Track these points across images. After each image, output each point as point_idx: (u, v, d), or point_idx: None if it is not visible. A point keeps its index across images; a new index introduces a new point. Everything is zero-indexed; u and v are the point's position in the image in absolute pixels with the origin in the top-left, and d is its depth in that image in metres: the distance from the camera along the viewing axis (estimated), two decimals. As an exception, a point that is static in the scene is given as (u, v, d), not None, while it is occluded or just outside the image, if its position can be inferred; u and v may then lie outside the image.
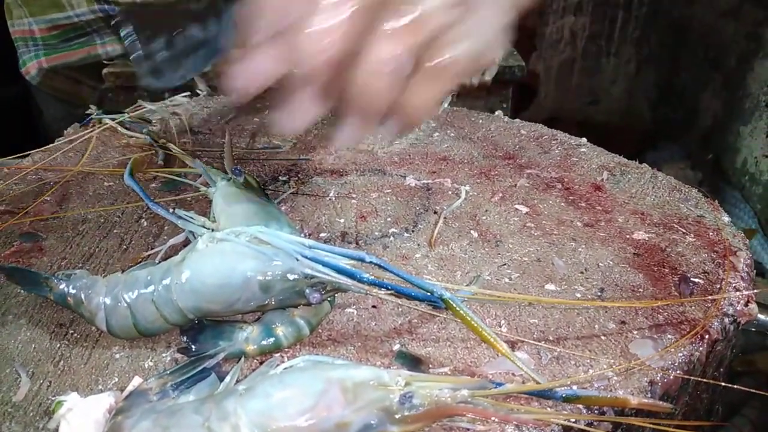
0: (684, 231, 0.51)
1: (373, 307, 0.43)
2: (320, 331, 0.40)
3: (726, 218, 0.53)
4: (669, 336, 0.40)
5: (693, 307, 0.43)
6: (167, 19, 0.64)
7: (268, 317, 0.39)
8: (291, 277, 0.37)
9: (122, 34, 0.60)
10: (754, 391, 0.38)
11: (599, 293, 0.44)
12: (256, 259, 0.37)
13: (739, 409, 0.87)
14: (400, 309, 0.42)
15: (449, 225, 0.52)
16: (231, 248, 0.38)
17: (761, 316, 0.48)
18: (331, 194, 0.57)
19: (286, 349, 0.39)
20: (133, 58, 0.58)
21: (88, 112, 0.71)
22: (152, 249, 0.49)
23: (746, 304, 0.45)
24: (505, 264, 0.47)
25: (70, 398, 0.35)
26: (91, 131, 0.67)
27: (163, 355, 0.39)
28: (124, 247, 0.50)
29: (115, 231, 0.52)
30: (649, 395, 0.37)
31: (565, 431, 0.34)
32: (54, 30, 0.96)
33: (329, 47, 0.36)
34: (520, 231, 0.51)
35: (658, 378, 0.37)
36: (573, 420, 0.34)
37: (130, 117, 0.70)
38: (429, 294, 0.36)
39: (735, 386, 0.39)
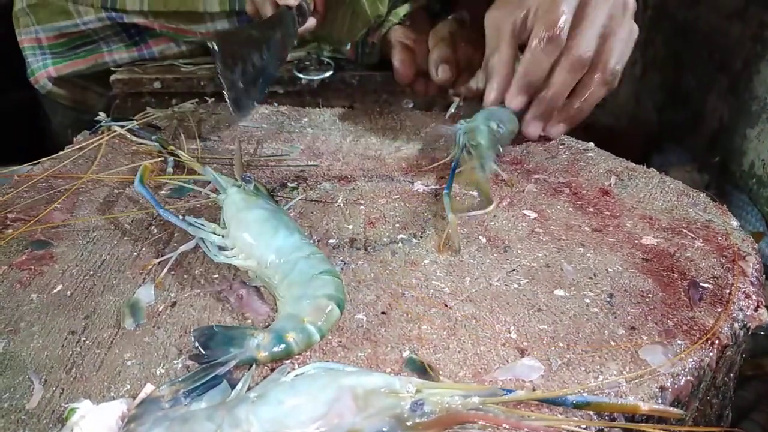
0: (692, 236, 0.51)
1: (383, 313, 0.43)
2: (330, 337, 0.41)
3: (734, 222, 0.53)
4: (679, 342, 0.40)
5: (703, 313, 0.43)
6: (240, 47, 0.67)
7: (279, 324, 0.40)
8: None
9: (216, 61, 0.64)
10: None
11: (608, 299, 0.44)
12: None
13: (748, 413, 0.87)
14: (409, 315, 0.43)
15: (458, 231, 0.52)
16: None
17: (771, 320, 0.48)
18: (339, 200, 0.58)
19: (297, 356, 0.39)
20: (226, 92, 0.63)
21: (97, 118, 0.71)
22: (163, 256, 0.49)
23: (756, 309, 0.45)
24: (513, 270, 0.47)
25: (83, 405, 0.35)
26: (101, 138, 0.68)
27: (175, 362, 0.39)
28: (135, 254, 0.50)
29: (125, 238, 0.52)
30: (659, 401, 0.37)
31: (576, 438, 0.34)
32: (61, 38, 0.97)
33: None
34: (528, 236, 0.51)
35: (668, 384, 0.37)
36: (584, 426, 0.34)
37: (138, 124, 0.71)
38: None
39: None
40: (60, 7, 0.94)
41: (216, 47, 0.64)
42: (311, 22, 0.77)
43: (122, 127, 0.69)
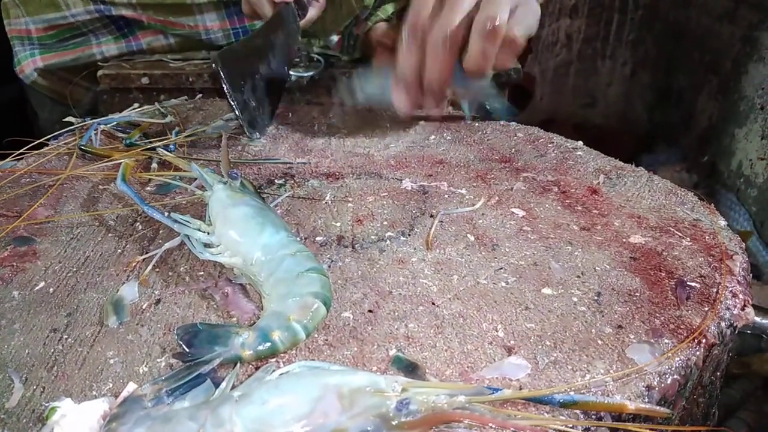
0: (680, 235, 0.51)
1: (370, 311, 0.43)
2: (316, 335, 0.40)
3: (722, 222, 0.53)
4: (666, 340, 0.40)
5: (690, 312, 0.43)
6: (245, 62, 0.65)
7: (264, 322, 0.39)
8: None
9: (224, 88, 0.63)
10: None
11: (596, 297, 0.44)
12: None
13: (735, 412, 0.87)
14: (396, 313, 0.42)
15: (445, 229, 0.52)
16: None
17: (757, 319, 0.48)
18: (327, 198, 0.57)
19: (282, 354, 0.38)
20: (239, 116, 0.64)
21: (67, 119, 0.70)
22: (147, 253, 0.48)
23: (743, 308, 0.45)
24: (501, 268, 0.47)
25: (64, 404, 0.34)
26: (73, 140, 0.66)
27: (158, 360, 0.39)
28: (119, 251, 0.49)
29: (110, 235, 0.51)
30: (646, 400, 0.36)
31: (563, 437, 0.34)
32: (50, 30, 0.96)
33: None
34: (516, 235, 0.51)
35: (655, 383, 0.37)
36: (570, 426, 0.33)
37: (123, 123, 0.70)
38: None
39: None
40: (49, 0, 0.93)
41: (220, 69, 0.62)
42: (312, 13, 0.75)
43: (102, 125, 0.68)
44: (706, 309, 0.43)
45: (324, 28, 0.88)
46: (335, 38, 0.91)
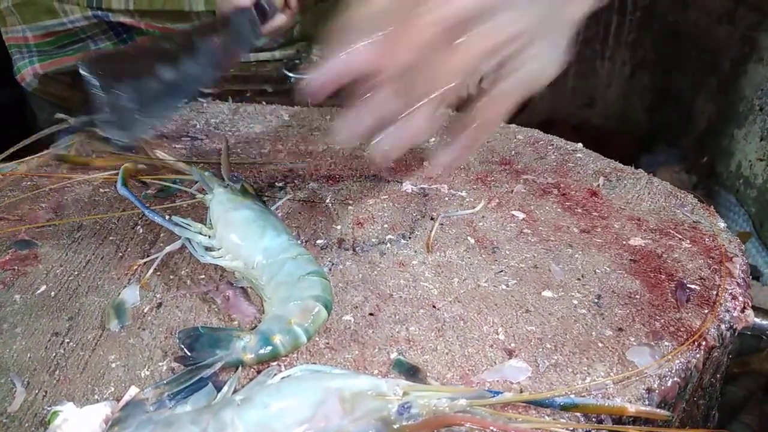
0: (680, 237, 0.51)
1: (371, 314, 0.43)
2: (318, 339, 0.40)
3: (722, 224, 0.53)
4: (666, 343, 0.40)
5: (690, 314, 0.43)
6: (133, 65, 0.60)
7: (265, 326, 0.39)
8: None
9: (87, 85, 0.56)
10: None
11: (596, 300, 0.44)
12: None
13: (736, 413, 0.87)
14: (397, 316, 0.42)
15: (446, 231, 0.52)
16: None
17: (757, 320, 0.48)
18: (327, 200, 0.57)
19: (284, 358, 0.39)
20: (96, 115, 0.54)
21: (59, 116, 0.69)
22: (148, 256, 0.48)
23: (742, 310, 0.45)
24: (502, 271, 0.47)
25: (66, 408, 0.35)
26: (72, 143, 0.66)
27: (160, 364, 0.39)
28: (120, 254, 0.49)
29: (110, 238, 0.51)
30: (646, 402, 0.37)
31: (563, 440, 0.34)
32: (48, 37, 0.96)
33: (410, 51, 0.37)
34: (516, 237, 0.51)
35: (655, 385, 0.37)
36: (571, 429, 0.34)
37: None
38: None
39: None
40: (46, 6, 0.93)
41: (87, 72, 0.54)
42: (280, 19, 0.71)
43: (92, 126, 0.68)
44: (706, 311, 0.43)
45: (322, 31, 0.88)
46: None
